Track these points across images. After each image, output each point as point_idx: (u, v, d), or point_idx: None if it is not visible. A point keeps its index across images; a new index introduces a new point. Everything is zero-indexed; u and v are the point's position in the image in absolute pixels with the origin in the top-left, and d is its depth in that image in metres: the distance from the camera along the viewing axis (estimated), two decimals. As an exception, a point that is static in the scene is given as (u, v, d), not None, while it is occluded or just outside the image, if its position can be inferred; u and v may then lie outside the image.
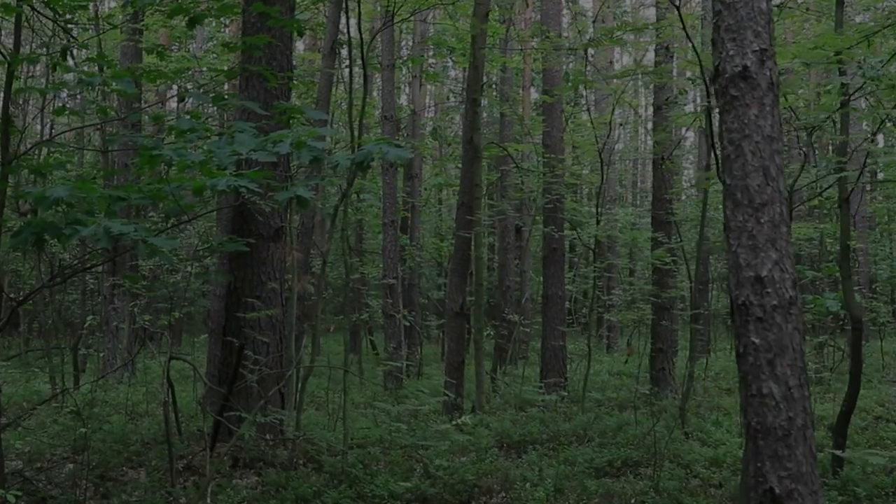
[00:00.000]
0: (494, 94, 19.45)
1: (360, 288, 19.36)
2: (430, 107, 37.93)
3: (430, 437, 8.64)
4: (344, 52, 15.09)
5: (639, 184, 45.26)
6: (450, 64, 24.76)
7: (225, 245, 6.83)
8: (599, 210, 11.77)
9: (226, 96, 5.19)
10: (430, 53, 23.00)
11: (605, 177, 11.33)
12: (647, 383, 15.17)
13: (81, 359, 16.69)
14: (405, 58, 19.01)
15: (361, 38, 9.41)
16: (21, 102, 19.67)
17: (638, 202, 38.32)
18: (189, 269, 13.76)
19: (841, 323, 15.81)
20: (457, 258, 11.94)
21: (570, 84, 14.31)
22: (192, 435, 8.74)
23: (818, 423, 10.80)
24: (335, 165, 4.40)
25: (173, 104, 24.03)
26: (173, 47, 20.21)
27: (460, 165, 12.69)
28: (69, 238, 4.25)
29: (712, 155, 9.55)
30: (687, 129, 16.41)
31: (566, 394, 13.01)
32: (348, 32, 10.31)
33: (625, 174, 42.03)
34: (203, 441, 7.59)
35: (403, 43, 22.48)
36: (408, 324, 16.46)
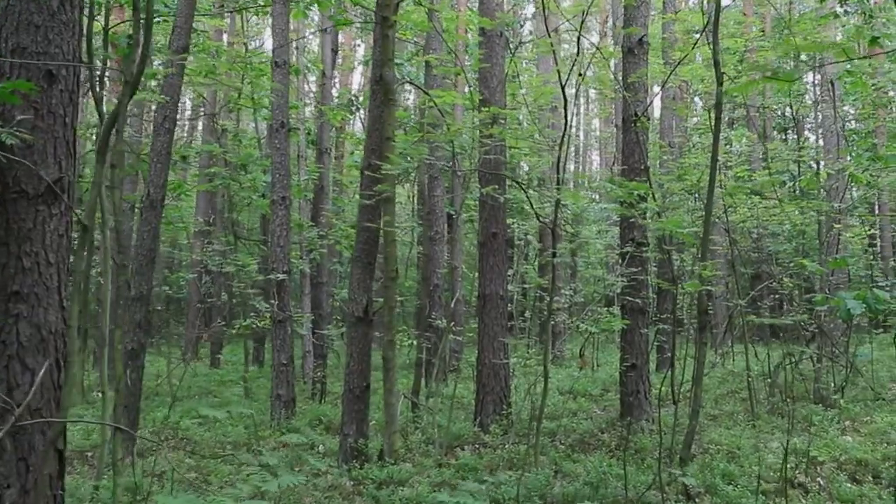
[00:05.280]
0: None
1: (232, 284, 16.04)
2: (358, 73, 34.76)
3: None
4: None
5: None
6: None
7: None
8: (561, 174, 8.83)
9: None
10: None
11: (568, 122, 8.45)
12: (612, 406, 12.51)
13: None
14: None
15: None
16: None
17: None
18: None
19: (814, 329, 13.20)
20: (361, 242, 8.98)
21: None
22: None
23: (865, 469, 8.13)
24: None
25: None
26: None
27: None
28: None
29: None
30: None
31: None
32: None
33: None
34: None
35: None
36: (304, 332, 13.41)
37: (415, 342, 13.41)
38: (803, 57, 16.98)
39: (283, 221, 12.47)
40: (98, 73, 12.93)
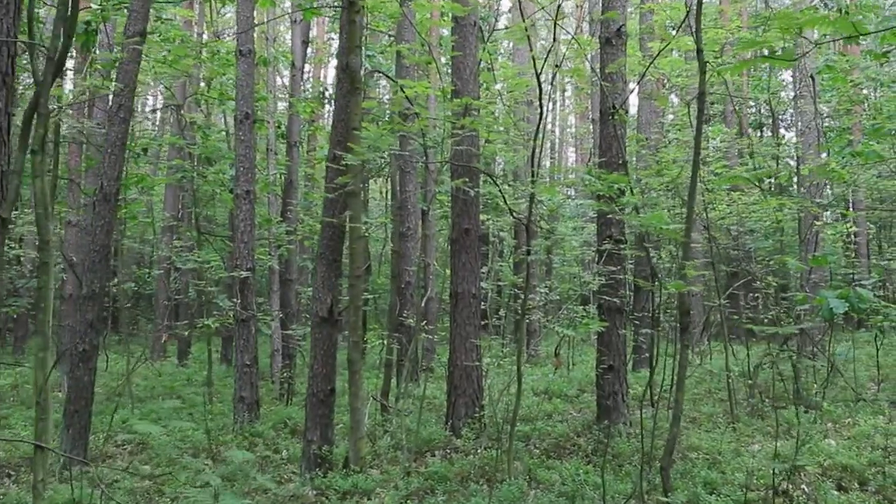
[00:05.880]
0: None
1: (198, 281, 15.51)
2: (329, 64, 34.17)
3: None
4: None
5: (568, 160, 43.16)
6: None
7: None
8: (536, 167, 8.43)
9: None
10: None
11: (544, 114, 8.07)
12: (588, 408, 12.17)
13: None
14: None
15: None
16: None
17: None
18: None
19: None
20: (325, 238, 8.55)
21: None
22: None
23: (851, 475, 7.81)
24: None
25: None
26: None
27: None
28: None
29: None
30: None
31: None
32: None
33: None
34: None
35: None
36: (271, 332, 12.94)
37: (385, 342, 12.99)
38: (778, 52, 16.65)
39: (247, 216, 12.01)
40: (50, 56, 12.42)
